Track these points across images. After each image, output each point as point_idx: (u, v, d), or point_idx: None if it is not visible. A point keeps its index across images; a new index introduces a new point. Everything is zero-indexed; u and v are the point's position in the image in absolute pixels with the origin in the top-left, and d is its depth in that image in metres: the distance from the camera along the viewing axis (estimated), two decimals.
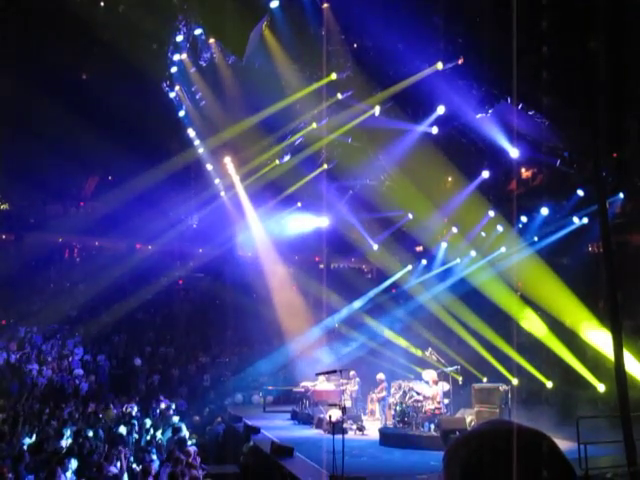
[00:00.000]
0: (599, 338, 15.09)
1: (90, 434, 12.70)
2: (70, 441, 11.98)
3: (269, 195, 21.95)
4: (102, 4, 17.28)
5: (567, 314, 16.14)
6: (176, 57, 17.80)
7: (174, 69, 18.40)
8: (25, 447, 11.20)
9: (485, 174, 17.33)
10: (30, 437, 12.61)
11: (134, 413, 16.72)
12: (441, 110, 15.86)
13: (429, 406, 13.98)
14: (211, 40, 16.45)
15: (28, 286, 26.56)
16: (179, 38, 16.84)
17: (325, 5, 14.40)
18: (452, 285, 20.48)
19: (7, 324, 24.39)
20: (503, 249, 18.88)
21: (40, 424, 14.23)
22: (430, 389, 14.35)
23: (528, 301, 17.46)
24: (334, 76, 15.87)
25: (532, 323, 17.45)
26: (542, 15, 13.05)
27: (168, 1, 15.93)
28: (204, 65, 17.34)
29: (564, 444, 11.87)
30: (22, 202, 27.80)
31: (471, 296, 19.33)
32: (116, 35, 16.92)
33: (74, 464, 9.65)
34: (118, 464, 10.22)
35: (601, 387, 15.23)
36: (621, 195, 15.74)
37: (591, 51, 11.42)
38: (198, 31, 16.32)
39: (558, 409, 15.21)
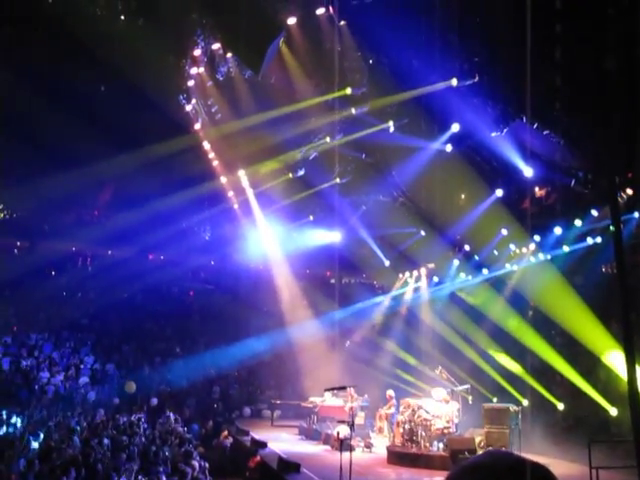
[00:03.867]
0: (613, 360, 14.89)
1: (97, 443, 12.69)
2: (77, 450, 11.98)
3: (282, 209, 22.02)
4: (122, 17, 17.54)
5: (581, 335, 15.95)
6: (193, 71, 18.00)
7: (191, 82, 18.59)
8: (34, 455, 11.23)
9: (499, 192, 17.29)
10: (39, 445, 12.63)
11: (142, 423, 16.71)
12: (456, 128, 15.86)
13: (438, 425, 13.83)
14: (228, 54, 16.63)
15: (40, 293, 26.76)
16: (197, 52, 17.05)
17: (342, 22, 14.53)
18: (463, 303, 20.38)
19: (19, 331, 24.53)
20: (515, 268, 18.76)
21: (48, 432, 14.25)
22: (440, 408, 14.22)
23: (541, 321, 17.29)
24: (349, 91, 15.95)
25: (542, 344, 17.24)
26: (557, 34, 13.08)
27: (187, 15, 16.14)
28: (221, 79, 17.50)
29: (576, 468, 11.67)
30: (36, 210, 28.06)
31: (481, 315, 19.21)
32: (135, 48, 17.14)
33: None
34: (124, 477, 10.20)
35: (613, 411, 14.99)
36: (636, 215, 15.61)
37: (606, 70, 11.40)
38: (216, 45, 16.51)
39: (570, 432, 14.99)
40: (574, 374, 16.10)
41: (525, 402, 16.09)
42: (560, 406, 16.67)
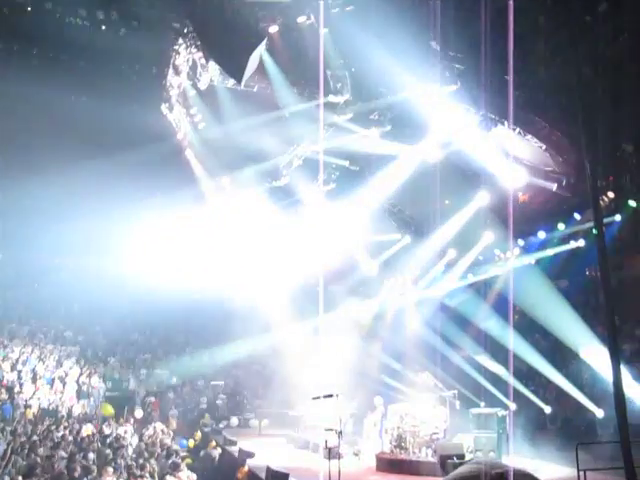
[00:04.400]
0: (598, 361, 15.00)
1: (82, 458, 12.50)
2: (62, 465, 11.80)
3: (265, 216, 21.93)
4: (104, 28, 17.50)
5: (566, 337, 16.05)
6: (176, 80, 17.96)
7: (174, 92, 18.54)
8: (17, 471, 11.04)
9: (483, 197, 17.42)
10: (22, 460, 12.41)
11: (128, 436, 16.52)
12: (439, 134, 15.98)
13: (426, 431, 13.81)
14: (210, 64, 16.62)
15: (23, 306, 26.39)
16: (179, 61, 17.01)
17: (324, 30, 14.58)
18: (448, 308, 20.43)
19: (1, 344, 24.12)
20: (500, 272, 18.88)
21: (33, 447, 14.00)
22: (428, 414, 14.20)
23: (526, 324, 17.38)
24: (332, 99, 16.01)
25: (528, 347, 17.33)
26: (539, 40, 13.27)
27: (169, 25, 16.13)
28: (203, 88, 17.48)
29: (564, 471, 11.71)
30: (18, 221, 27.68)
31: (467, 319, 19.28)
32: (117, 58, 17.10)
33: None
34: None
35: (600, 412, 15.09)
36: (618, 217, 15.80)
37: (587, 76, 11.56)
38: (198, 55, 16.49)
39: (557, 435, 15.04)
40: (560, 377, 16.18)
41: (512, 406, 16.13)
42: (547, 409, 16.74)
